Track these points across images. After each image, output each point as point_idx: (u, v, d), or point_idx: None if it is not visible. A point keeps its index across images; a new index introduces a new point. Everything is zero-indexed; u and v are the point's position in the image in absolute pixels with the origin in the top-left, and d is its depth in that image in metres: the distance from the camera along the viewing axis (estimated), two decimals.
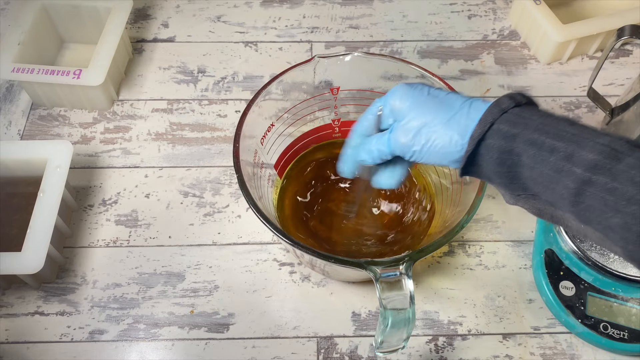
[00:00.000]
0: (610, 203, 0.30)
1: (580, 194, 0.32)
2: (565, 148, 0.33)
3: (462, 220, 0.46)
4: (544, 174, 0.33)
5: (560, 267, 0.55)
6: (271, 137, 0.55)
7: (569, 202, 0.33)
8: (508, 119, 0.35)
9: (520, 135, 0.34)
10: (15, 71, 0.62)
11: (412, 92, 0.40)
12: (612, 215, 0.30)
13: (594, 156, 0.31)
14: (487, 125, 0.36)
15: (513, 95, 0.37)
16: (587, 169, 0.31)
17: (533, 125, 0.34)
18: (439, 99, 0.39)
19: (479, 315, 0.55)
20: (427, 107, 0.39)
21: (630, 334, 0.52)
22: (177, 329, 0.54)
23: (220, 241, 0.59)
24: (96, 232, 0.59)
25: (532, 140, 0.34)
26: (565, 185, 0.32)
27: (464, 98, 0.39)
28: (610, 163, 0.31)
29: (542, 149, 0.33)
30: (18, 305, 0.55)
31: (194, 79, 0.71)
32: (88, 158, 0.64)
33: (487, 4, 0.78)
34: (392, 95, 0.41)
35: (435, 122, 0.38)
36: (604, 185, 0.31)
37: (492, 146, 0.36)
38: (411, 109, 0.39)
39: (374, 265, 0.42)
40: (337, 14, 0.77)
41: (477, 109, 0.37)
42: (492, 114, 0.36)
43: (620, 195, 0.30)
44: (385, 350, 0.44)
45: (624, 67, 0.72)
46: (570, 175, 0.32)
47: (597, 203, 0.31)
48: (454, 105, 0.38)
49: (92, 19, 0.69)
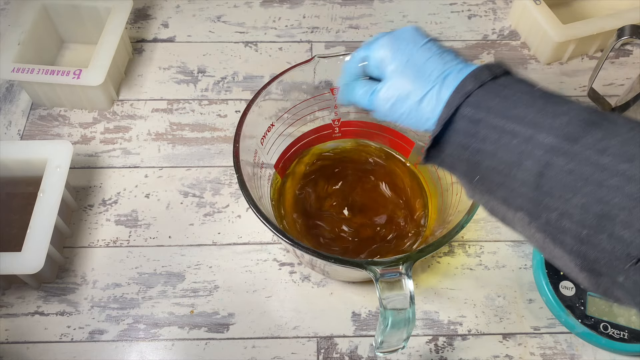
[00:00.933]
0: (570, 184, 0.30)
1: (542, 175, 0.32)
2: (525, 131, 0.33)
3: (462, 220, 0.46)
4: (505, 160, 0.33)
5: None
6: (271, 137, 0.55)
7: (530, 187, 0.32)
8: (472, 103, 0.35)
9: (484, 120, 0.35)
10: (15, 71, 0.62)
11: (394, 50, 0.40)
12: (572, 196, 0.30)
13: (552, 139, 0.32)
14: (452, 109, 0.36)
15: (479, 73, 0.36)
16: (546, 151, 0.32)
17: (495, 108, 0.34)
18: (417, 67, 0.39)
19: (479, 315, 0.55)
20: (405, 76, 0.39)
21: (630, 334, 0.52)
22: (177, 329, 0.54)
23: (220, 241, 0.59)
24: (96, 232, 0.59)
25: (493, 125, 0.34)
26: (527, 168, 0.32)
27: (442, 68, 0.38)
28: (567, 144, 0.31)
29: (504, 133, 0.34)
30: (18, 305, 0.55)
31: (194, 79, 0.71)
32: (88, 158, 0.64)
33: (487, 4, 0.78)
34: (374, 49, 0.41)
35: (410, 97, 0.38)
36: (563, 166, 0.31)
37: (458, 130, 0.36)
38: (391, 75, 0.40)
39: (374, 265, 0.42)
40: (337, 14, 0.77)
41: (449, 87, 0.37)
42: (457, 98, 0.36)
43: (578, 175, 0.30)
44: (385, 350, 0.44)
45: (624, 67, 0.72)
46: (531, 158, 0.32)
47: (558, 185, 0.31)
48: (431, 78, 0.38)
49: (92, 19, 0.69)
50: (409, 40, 0.40)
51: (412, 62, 0.39)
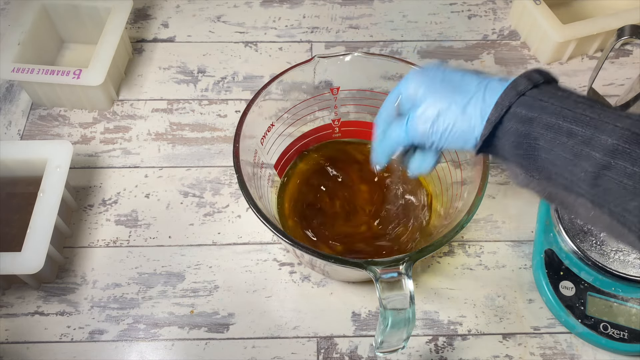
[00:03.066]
0: (629, 187, 0.30)
1: (599, 177, 0.31)
2: (583, 132, 0.32)
3: (462, 220, 0.45)
4: (561, 157, 0.33)
5: (560, 267, 0.55)
6: (271, 137, 0.55)
7: (588, 184, 0.32)
8: (525, 102, 0.35)
9: (538, 119, 0.34)
10: (15, 71, 0.62)
11: (426, 78, 0.39)
12: (631, 198, 0.30)
13: (613, 140, 0.31)
14: (503, 109, 0.35)
15: (530, 75, 0.36)
16: (606, 153, 0.31)
17: (551, 108, 0.34)
18: (454, 83, 0.38)
19: (479, 315, 0.55)
20: (442, 93, 0.38)
21: (630, 334, 0.52)
22: (177, 329, 0.54)
23: (220, 241, 0.59)
24: (96, 232, 0.59)
25: (549, 124, 0.33)
26: (584, 168, 0.32)
27: (480, 79, 0.38)
28: (630, 147, 0.30)
29: (560, 133, 0.33)
30: (18, 305, 0.55)
31: (194, 79, 0.71)
32: (88, 158, 0.64)
33: (487, 4, 0.78)
34: (405, 83, 0.40)
35: (452, 108, 0.37)
36: (624, 169, 0.30)
37: (509, 130, 0.35)
38: (426, 96, 0.38)
39: (374, 265, 0.42)
40: (337, 14, 0.77)
41: (494, 92, 0.36)
42: (509, 97, 0.35)
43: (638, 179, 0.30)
44: (385, 350, 0.44)
45: (624, 67, 0.72)
46: (588, 160, 0.32)
47: (616, 187, 0.31)
48: (469, 88, 0.37)
49: (92, 19, 0.69)
50: (438, 67, 0.40)
51: (446, 80, 0.38)
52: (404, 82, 0.40)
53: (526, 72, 0.36)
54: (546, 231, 0.57)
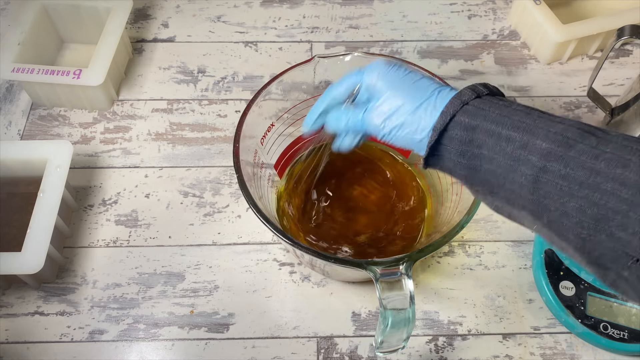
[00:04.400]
0: (565, 189, 0.31)
1: (538, 180, 0.33)
2: (520, 137, 0.34)
3: (462, 220, 0.46)
4: (502, 164, 0.35)
5: (560, 267, 0.55)
6: (271, 137, 0.55)
7: (528, 190, 0.33)
8: (468, 111, 0.36)
9: (480, 126, 0.36)
10: (15, 71, 0.62)
11: (389, 71, 0.41)
12: (568, 199, 0.31)
13: (547, 144, 0.33)
14: (448, 116, 0.37)
15: (475, 87, 0.38)
16: (541, 156, 0.33)
17: (491, 116, 0.36)
18: (412, 82, 0.40)
19: (479, 315, 0.55)
20: (400, 90, 0.40)
21: (630, 334, 0.52)
22: (177, 329, 0.54)
23: (220, 241, 0.59)
24: (96, 232, 0.59)
25: (490, 131, 0.35)
26: (523, 173, 0.33)
27: (434, 85, 0.40)
28: (563, 150, 0.32)
29: (500, 139, 0.35)
30: (18, 305, 0.55)
31: (194, 79, 0.71)
32: (88, 158, 0.64)
33: (487, 4, 0.78)
34: (369, 73, 0.42)
35: (405, 107, 0.39)
36: (558, 172, 0.32)
37: (454, 137, 0.37)
38: (385, 90, 0.40)
39: (374, 265, 0.42)
40: (337, 14, 0.77)
41: (443, 99, 0.38)
42: (454, 106, 0.37)
43: (573, 180, 0.31)
44: (385, 350, 0.44)
45: (624, 67, 0.72)
46: (526, 163, 0.33)
47: (553, 189, 0.32)
48: (425, 91, 0.39)
49: (92, 19, 0.69)
50: (400, 64, 0.42)
51: (406, 78, 0.40)
52: (367, 70, 0.42)
53: (472, 85, 0.38)
54: None
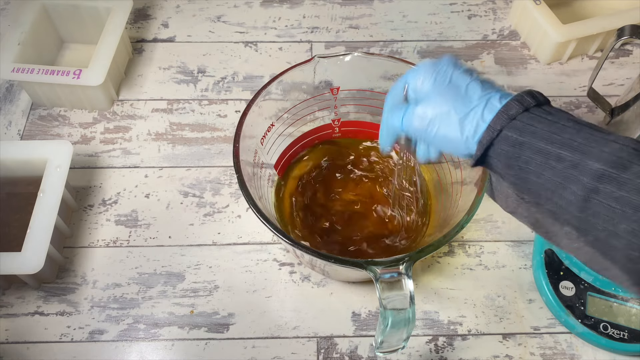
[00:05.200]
0: (618, 211, 0.31)
1: (588, 200, 0.32)
2: (571, 157, 0.33)
3: (462, 220, 0.45)
4: (551, 181, 0.34)
5: (560, 267, 0.55)
6: (271, 137, 0.55)
7: (577, 208, 0.33)
8: (516, 126, 0.35)
9: (528, 143, 0.35)
10: (15, 71, 0.62)
11: (434, 74, 0.39)
12: (619, 221, 0.31)
13: (600, 165, 0.32)
14: (495, 132, 0.36)
15: (522, 98, 0.36)
16: (593, 178, 0.32)
17: (540, 133, 0.35)
18: (458, 89, 0.38)
19: (479, 315, 0.55)
20: (446, 95, 0.38)
21: (630, 334, 0.52)
22: (177, 329, 0.54)
23: (220, 241, 0.59)
24: (96, 232, 0.59)
25: (539, 149, 0.34)
26: (573, 191, 0.33)
27: (483, 92, 0.38)
28: (617, 172, 0.31)
29: (549, 157, 0.34)
30: (18, 305, 0.55)
31: (194, 79, 0.71)
32: (88, 158, 0.64)
33: (487, 4, 0.78)
34: (415, 74, 0.40)
35: (450, 115, 0.38)
36: (611, 194, 0.31)
37: (501, 152, 0.36)
38: (430, 94, 0.39)
39: (374, 265, 0.42)
40: (337, 14, 0.77)
41: (491, 110, 0.37)
42: (501, 121, 0.36)
43: (626, 203, 0.30)
44: (385, 350, 0.44)
45: (624, 67, 0.72)
46: (577, 183, 0.32)
47: (605, 210, 0.31)
48: (472, 99, 0.38)
49: (92, 19, 0.69)
50: (449, 65, 0.40)
51: (453, 83, 0.39)
52: (413, 71, 0.41)
53: (518, 95, 0.37)
54: None
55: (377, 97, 0.56)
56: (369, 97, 0.57)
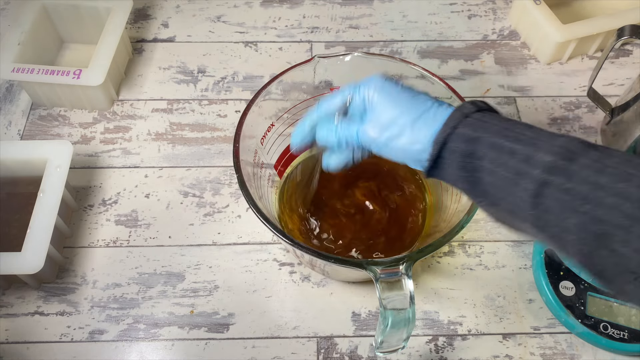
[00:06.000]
0: (567, 203, 0.31)
1: (539, 195, 0.32)
2: (523, 150, 0.33)
3: (462, 220, 0.46)
4: (503, 177, 0.34)
5: (560, 267, 0.55)
6: (271, 137, 0.55)
7: (529, 205, 0.33)
8: (470, 123, 0.36)
9: (481, 139, 0.35)
10: (15, 71, 0.62)
11: (387, 85, 0.41)
12: (569, 215, 0.31)
13: (550, 157, 0.32)
14: (449, 128, 0.37)
15: (474, 101, 0.38)
16: (544, 170, 0.32)
17: (493, 129, 0.35)
18: (410, 97, 0.40)
19: (479, 315, 0.55)
20: (399, 102, 0.40)
21: (630, 334, 0.52)
22: (177, 329, 0.54)
23: (220, 241, 0.59)
24: (96, 232, 0.59)
25: (492, 144, 0.35)
26: (525, 187, 0.33)
27: (432, 100, 0.40)
28: (565, 164, 0.32)
29: (502, 151, 0.34)
30: (18, 305, 0.55)
31: (194, 79, 0.71)
32: (88, 158, 0.64)
33: (487, 4, 0.78)
34: (366, 85, 0.41)
35: (404, 119, 0.39)
36: (561, 185, 0.31)
37: (455, 150, 0.36)
38: (383, 103, 0.40)
39: (374, 265, 0.42)
40: (337, 14, 0.77)
41: (443, 112, 0.38)
42: (455, 119, 0.37)
43: (575, 194, 0.31)
44: (385, 350, 0.44)
45: (624, 67, 0.72)
46: (528, 177, 0.33)
47: (555, 204, 0.32)
48: (424, 105, 0.39)
49: (92, 19, 0.69)
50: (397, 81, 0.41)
51: (404, 93, 0.40)
52: (364, 83, 0.42)
53: (471, 100, 0.38)
54: None
55: None
56: None
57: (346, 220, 0.57)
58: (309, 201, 0.57)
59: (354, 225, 0.57)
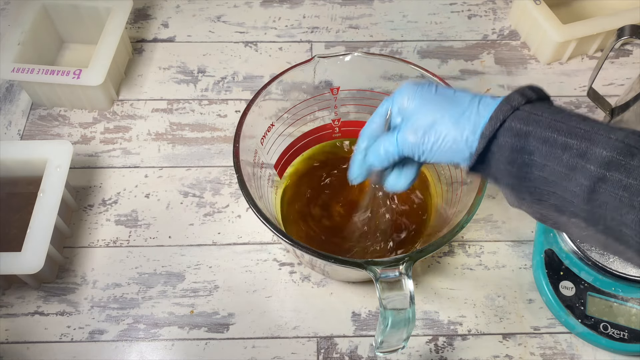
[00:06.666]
0: (625, 200, 0.30)
1: (595, 191, 0.31)
2: (578, 145, 0.32)
3: (462, 220, 0.45)
4: (556, 172, 0.33)
5: (560, 267, 0.55)
6: (271, 137, 0.55)
7: (583, 200, 0.32)
8: (520, 116, 0.34)
9: (533, 133, 0.34)
10: (15, 71, 0.62)
11: (420, 90, 0.39)
12: (627, 211, 0.30)
13: (607, 152, 0.31)
14: (498, 122, 0.35)
15: (523, 91, 0.35)
16: (601, 165, 0.31)
17: (545, 122, 0.34)
18: (447, 96, 0.38)
19: (479, 315, 0.55)
20: (436, 104, 0.38)
21: (630, 334, 0.52)
22: (177, 329, 0.54)
23: (220, 241, 0.59)
24: (96, 232, 0.59)
25: (544, 138, 0.33)
26: (579, 182, 0.32)
27: (472, 95, 0.38)
28: (625, 159, 0.30)
29: (555, 146, 0.33)
30: (18, 305, 0.55)
31: (194, 79, 0.71)
32: (88, 158, 0.64)
33: (487, 4, 0.78)
34: (399, 94, 0.40)
35: (445, 119, 0.37)
36: (619, 182, 0.30)
37: (504, 144, 0.35)
38: (419, 107, 0.38)
39: (374, 265, 0.42)
40: (337, 14, 0.77)
41: (487, 106, 0.36)
42: (503, 111, 0.35)
43: (635, 191, 0.30)
44: (385, 350, 0.44)
45: (624, 67, 0.72)
46: (584, 173, 0.31)
47: (612, 200, 0.31)
48: (463, 102, 0.37)
49: (92, 19, 0.69)
50: (430, 83, 0.40)
51: (440, 93, 0.38)
52: (397, 94, 0.40)
53: (519, 88, 0.36)
54: (546, 231, 0.57)
55: (377, 97, 0.56)
56: (369, 97, 0.57)
57: (346, 220, 0.57)
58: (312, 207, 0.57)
59: (355, 225, 0.57)
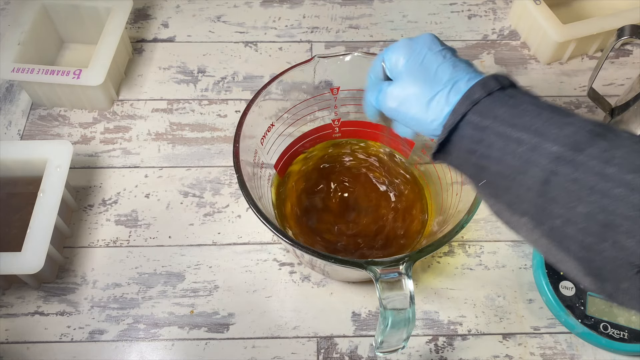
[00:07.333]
0: (574, 193, 0.31)
1: (547, 182, 0.32)
2: (530, 140, 0.33)
3: (462, 220, 0.46)
4: (511, 166, 0.34)
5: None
6: (271, 137, 0.55)
7: (536, 193, 0.33)
8: (479, 110, 0.36)
9: (490, 127, 0.35)
10: (15, 71, 0.62)
11: (410, 53, 0.41)
12: (577, 204, 0.31)
13: (557, 148, 0.32)
14: (459, 116, 0.37)
15: (485, 83, 0.37)
16: (551, 160, 0.32)
17: (501, 117, 0.35)
18: (429, 71, 0.39)
19: (479, 315, 0.55)
20: (416, 77, 0.40)
21: (630, 334, 0.52)
22: (177, 329, 0.54)
23: (220, 241, 0.59)
24: (96, 232, 0.59)
25: (500, 133, 0.35)
26: (533, 174, 0.33)
27: (452, 75, 0.39)
28: (572, 154, 0.32)
29: (510, 141, 0.34)
30: (18, 305, 0.55)
31: (194, 79, 0.71)
32: (88, 158, 0.64)
33: (487, 4, 0.78)
34: (391, 53, 0.42)
35: (419, 99, 0.39)
36: (568, 175, 0.31)
37: (464, 135, 0.37)
38: (403, 75, 0.40)
39: (374, 265, 0.42)
40: (337, 14, 0.77)
41: (457, 93, 0.38)
42: (464, 106, 0.37)
43: (583, 185, 0.31)
44: (385, 350, 0.44)
45: (624, 67, 0.72)
46: (537, 165, 0.33)
47: (563, 192, 0.32)
48: (440, 81, 0.39)
49: (92, 19, 0.69)
50: (424, 45, 0.41)
51: (424, 64, 0.40)
52: (390, 49, 0.42)
53: (483, 79, 0.37)
54: None
55: None
56: None
57: (346, 220, 0.57)
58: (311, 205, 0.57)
59: (355, 225, 0.57)
